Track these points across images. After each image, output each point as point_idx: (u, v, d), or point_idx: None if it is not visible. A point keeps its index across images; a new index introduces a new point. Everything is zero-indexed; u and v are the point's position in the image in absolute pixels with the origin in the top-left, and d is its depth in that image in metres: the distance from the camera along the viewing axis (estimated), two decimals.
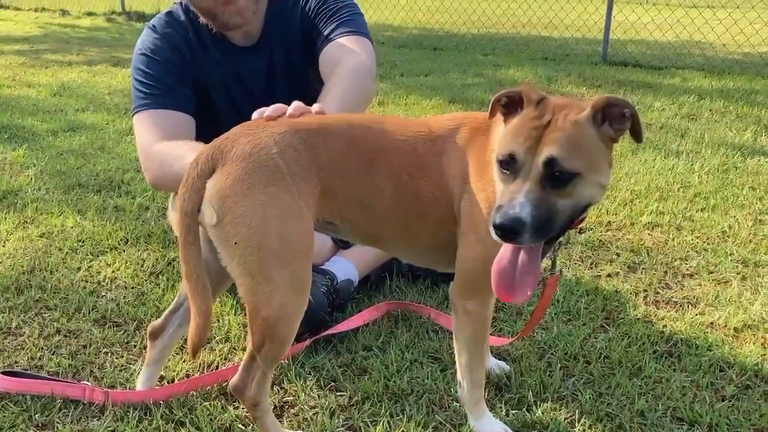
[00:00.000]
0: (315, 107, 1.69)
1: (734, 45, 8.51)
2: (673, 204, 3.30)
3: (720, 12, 9.22)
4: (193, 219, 1.47)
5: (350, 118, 1.66)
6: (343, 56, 2.20)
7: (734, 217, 3.16)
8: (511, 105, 1.48)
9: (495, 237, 1.34)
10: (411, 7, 11.49)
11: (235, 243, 1.44)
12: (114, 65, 7.46)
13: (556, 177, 1.34)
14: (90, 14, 13.56)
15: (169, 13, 2.41)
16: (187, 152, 2.03)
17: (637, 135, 1.41)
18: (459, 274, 1.63)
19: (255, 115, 1.65)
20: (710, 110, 5.38)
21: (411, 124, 1.67)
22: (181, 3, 2.42)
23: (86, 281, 2.50)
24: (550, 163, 1.33)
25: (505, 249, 1.43)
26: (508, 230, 1.31)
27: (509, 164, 1.38)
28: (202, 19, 2.32)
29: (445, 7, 11.92)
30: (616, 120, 1.40)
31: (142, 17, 12.50)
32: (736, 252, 2.79)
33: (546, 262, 2.66)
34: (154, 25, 2.39)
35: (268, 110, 1.63)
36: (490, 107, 1.50)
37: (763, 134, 4.64)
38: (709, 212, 3.22)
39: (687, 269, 2.66)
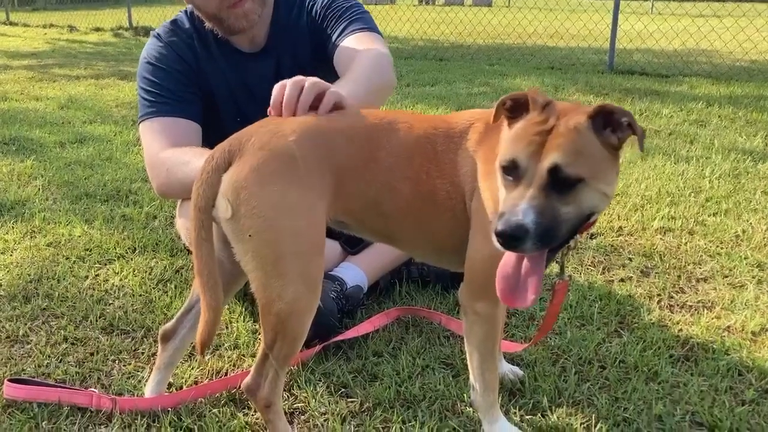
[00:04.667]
0: (331, 92, 1.64)
1: (741, 52, 8.50)
2: (684, 209, 3.27)
3: (727, 20, 9.22)
4: (206, 214, 1.46)
5: (374, 120, 1.62)
6: (360, 49, 2.17)
7: (747, 221, 3.13)
8: (515, 109, 1.44)
9: (497, 245, 1.31)
10: (416, 18, 11.54)
11: (249, 236, 1.43)
12: (121, 79, 7.50)
13: (559, 183, 1.31)
14: (98, 30, 13.68)
15: (174, 22, 2.41)
16: (192, 158, 2.02)
17: (639, 142, 1.37)
18: (468, 275, 1.60)
19: (275, 89, 1.65)
20: (719, 116, 5.35)
21: (433, 120, 1.64)
22: (186, 11, 2.42)
23: (94, 289, 2.48)
24: (555, 169, 1.30)
25: (509, 254, 1.40)
26: (511, 238, 1.27)
27: (511, 170, 1.35)
28: (208, 25, 2.31)
29: (450, 18, 11.98)
30: (617, 127, 1.37)
31: (149, 32, 12.56)
32: (750, 256, 2.75)
33: (554, 267, 2.64)
34: (158, 34, 2.38)
35: (288, 84, 1.63)
36: (494, 111, 1.46)
37: None
38: (721, 216, 3.18)
39: (701, 273, 2.62)
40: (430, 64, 8.71)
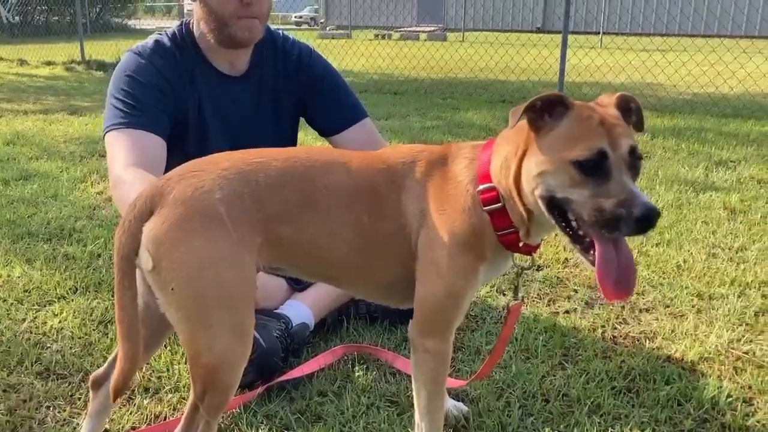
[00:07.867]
0: None
1: (684, 85, 8.81)
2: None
3: (669, 54, 9.57)
4: (129, 263, 1.42)
5: (308, 163, 1.56)
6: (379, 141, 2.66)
7: (689, 251, 3.21)
8: (538, 112, 1.42)
9: (626, 233, 1.32)
10: (371, 53, 11.68)
11: (172, 289, 1.39)
12: (71, 114, 7.37)
13: (635, 166, 1.37)
14: (49, 63, 13.45)
15: (156, 42, 2.42)
16: None
17: (640, 124, 1.52)
18: (418, 312, 1.58)
19: None
20: (663, 148, 5.52)
21: (370, 160, 1.61)
22: (166, 33, 2.45)
23: (31, 332, 2.40)
24: (634, 151, 1.36)
25: (605, 248, 1.40)
26: (653, 220, 1.29)
27: (596, 162, 1.33)
28: (204, 30, 2.34)
29: (404, 53, 12.15)
30: (628, 113, 1.48)
31: (102, 66, 12.44)
32: (691, 285, 2.81)
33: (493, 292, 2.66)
34: (139, 51, 2.38)
35: None
36: (520, 113, 1.39)
37: (714, 170, 4.76)
38: (664, 247, 3.26)
39: (644, 304, 2.67)
40: (385, 97, 8.80)
